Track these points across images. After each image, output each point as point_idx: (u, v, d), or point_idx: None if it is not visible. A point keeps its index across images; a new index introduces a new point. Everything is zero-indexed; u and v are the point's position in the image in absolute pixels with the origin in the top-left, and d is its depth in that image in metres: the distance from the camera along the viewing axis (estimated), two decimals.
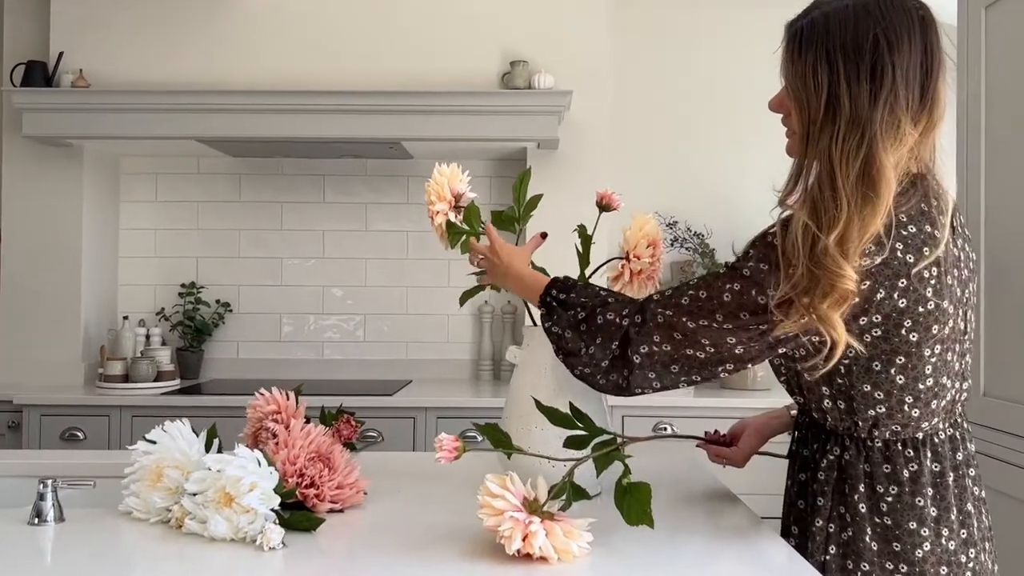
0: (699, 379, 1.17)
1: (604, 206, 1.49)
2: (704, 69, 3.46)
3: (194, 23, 3.15)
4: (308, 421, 1.41)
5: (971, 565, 1.16)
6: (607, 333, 1.19)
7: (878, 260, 1.08)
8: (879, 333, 1.11)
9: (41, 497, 1.22)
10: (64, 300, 3.16)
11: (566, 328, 1.23)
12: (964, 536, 1.17)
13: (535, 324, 1.43)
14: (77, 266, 3.17)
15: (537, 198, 1.48)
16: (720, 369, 1.15)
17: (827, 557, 1.17)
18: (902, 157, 1.09)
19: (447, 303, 3.38)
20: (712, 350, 1.13)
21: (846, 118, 1.08)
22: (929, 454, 1.16)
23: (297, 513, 1.19)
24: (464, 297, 1.47)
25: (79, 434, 2.83)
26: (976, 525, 1.18)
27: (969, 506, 1.18)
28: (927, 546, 1.14)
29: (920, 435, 1.17)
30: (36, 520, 1.21)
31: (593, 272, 1.46)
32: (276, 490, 1.16)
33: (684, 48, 3.48)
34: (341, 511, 1.29)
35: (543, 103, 2.93)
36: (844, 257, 1.05)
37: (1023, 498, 1.97)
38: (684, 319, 1.13)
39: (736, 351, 1.13)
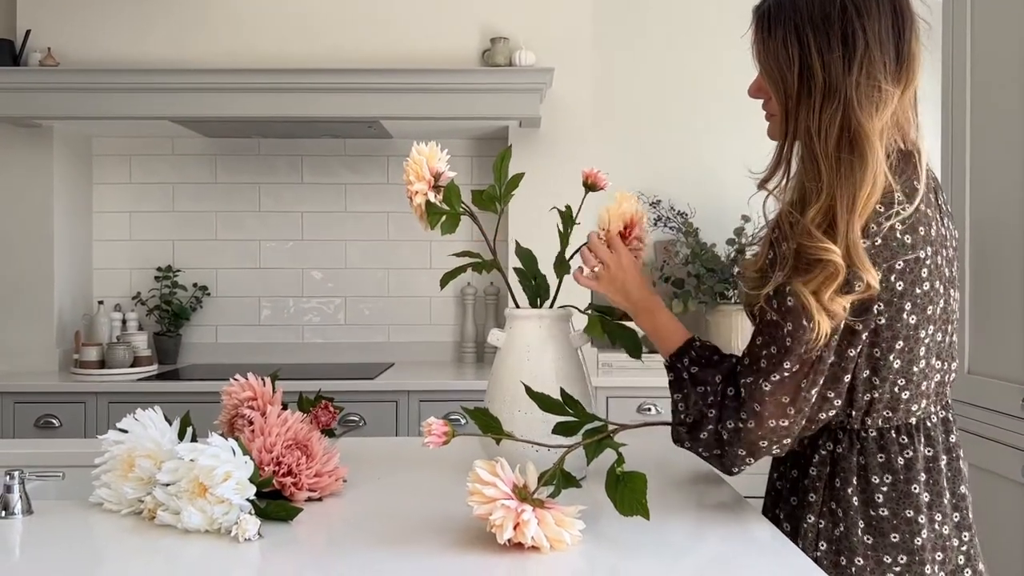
0: (815, 428, 1.14)
1: (590, 185, 1.45)
2: (689, 46, 3.42)
3: None
4: (285, 407, 1.37)
5: (963, 548, 1.15)
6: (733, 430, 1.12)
7: (879, 241, 1.06)
8: (883, 321, 1.09)
9: (8, 489, 1.17)
10: (36, 285, 3.09)
11: (691, 409, 1.16)
12: (957, 519, 1.15)
13: (518, 307, 1.40)
14: (49, 250, 3.10)
15: (519, 177, 1.44)
16: (824, 415, 1.12)
17: (818, 553, 1.15)
18: (887, 123, 1.07)
19: (429, 285, 3.34)
20: (811, 405, 1.09)
21: (820, 88, 1.07)
22: (923, 439, 1.15)
23: (274, 503, 1.16)
24: (445, 280, 1.43)
25: (54, 421, 2.77)
26: (968, 508, 1.17)
27: (963, 488, 1.16)
28: (924, 533, 1.12)
29: (913, 420, 1.15)
30: (3, 513, 1.17)
31: (572, 255, 1.42)
32: (252, 479, 1.13)
33: (668, 25, 3.43)
34: (320, 500, 1.25)
35: (524, 81, 2.88)
36: (831, 229, 1.02)
37: (1006, 474, 1.98)
38: (782, 396, 1.08)
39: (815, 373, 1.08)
